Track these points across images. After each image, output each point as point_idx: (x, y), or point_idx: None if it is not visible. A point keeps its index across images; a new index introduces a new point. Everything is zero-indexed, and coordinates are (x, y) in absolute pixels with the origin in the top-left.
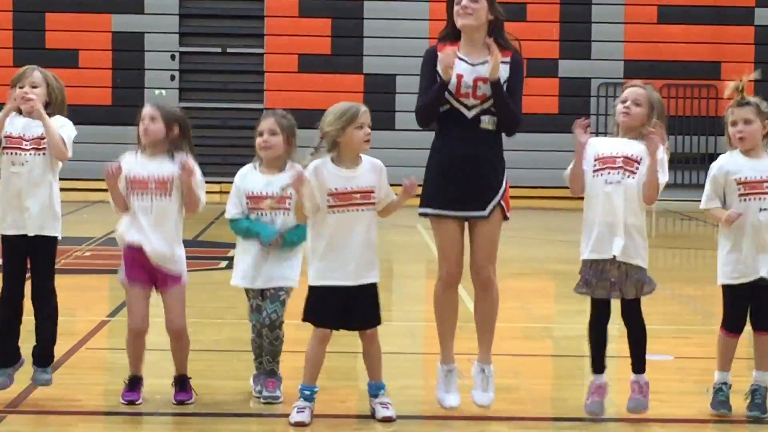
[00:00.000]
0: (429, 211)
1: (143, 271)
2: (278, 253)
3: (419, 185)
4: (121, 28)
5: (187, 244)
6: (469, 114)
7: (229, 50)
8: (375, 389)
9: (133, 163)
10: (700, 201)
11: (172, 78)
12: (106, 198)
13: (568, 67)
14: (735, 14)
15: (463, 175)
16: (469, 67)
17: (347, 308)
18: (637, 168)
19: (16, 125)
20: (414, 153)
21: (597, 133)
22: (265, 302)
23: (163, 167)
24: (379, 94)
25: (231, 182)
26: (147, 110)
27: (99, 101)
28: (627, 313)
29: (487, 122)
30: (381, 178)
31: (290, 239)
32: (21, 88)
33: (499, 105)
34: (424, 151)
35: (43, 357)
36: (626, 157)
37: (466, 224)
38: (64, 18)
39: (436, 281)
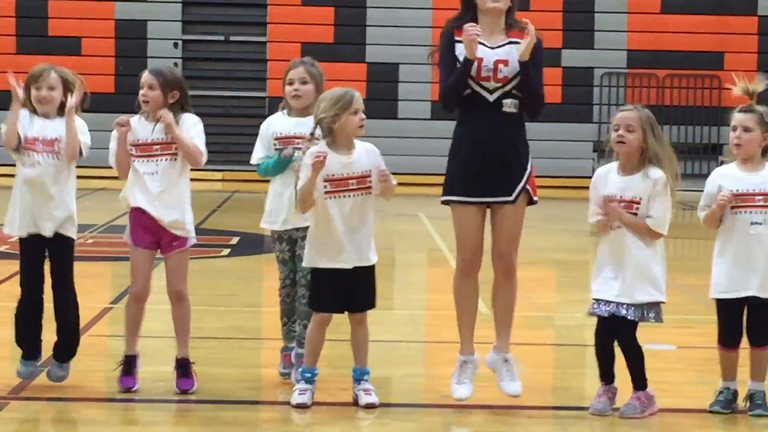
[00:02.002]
0: (453, 198)
1: (148, 235)
2: None
3: (442, 174)
4: (124, 16)
5: None
6: (491, 97)
7: (231, 38)
8: (359, 374)
9: (137, 128)
10: (702, 191)
11: (175, 66)
12: (108, 186)
13: (571, 57)
14: (738, 4)
15: (487, 162)
16: (489, 50)
17: (347, 291)
18: (637, 209)
19: (33, 126)
20: (417, 142)
21: (599, 124)
22: (300, 263)
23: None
24: (382, 83)
25: (233, 170)
26: (145, 77)
27: (101, 89)
28: (621, 335)
29: (509, 105)
30: (376, 161)
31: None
32: (38, 90)
33: (527, 86)
34: (426, 140)
35: (64, 352)
36: (627, 201)
37: (488, 211)
38: (66, 5)
39: (455, 271)
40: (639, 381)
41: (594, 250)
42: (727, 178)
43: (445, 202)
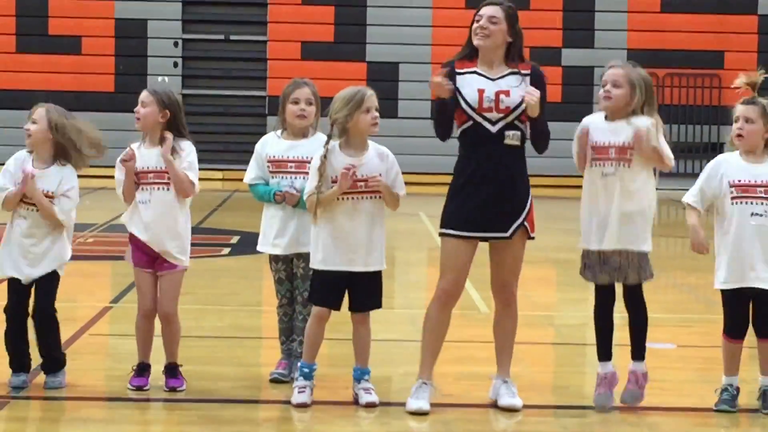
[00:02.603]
0: (450, 231)
1: (145, 257)
2: (302, 219)
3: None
4: (124, 15)
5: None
6: (494, 128)
7: (232, 37)
8: (360, 373)
9: (137, 156)
10: None
11: (175, 65)
12: (108, 185)
13: (571, 56)
14: (738, 3)
15: (486, 199)
16: (490, 82)
17: (351, 292)
18: (631, 155)
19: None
20: (417, 141)
21: None
22: (296, 281)
23: (159, 158)
24: (383, 82)
25: (233, 169)
26: (141, 95)
27: (101, 88)
28: (630, 298)
29: (511, 137)
30: (388, 165)
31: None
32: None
33: (536, 129)
34: (426, 139)
35: (50, 364)
36: (619, 147)
37: (487, 245)
38: (67, 4)
39: (432, 299)
40: (641, 351)
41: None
42: (730, 165)
43: (443, 234)
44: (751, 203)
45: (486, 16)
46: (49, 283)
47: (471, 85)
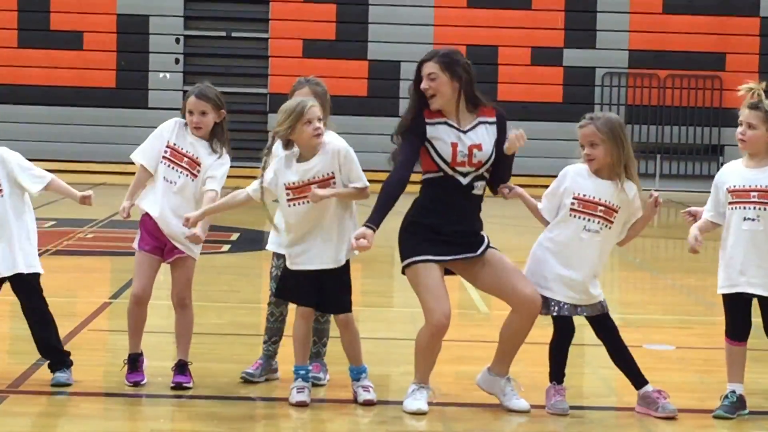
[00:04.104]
0: (418, 258)
1: (155, 242)
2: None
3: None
4: (126, 11)
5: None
6: (465, 180)
7: (233, 34)
8: (356, 373)
9: (178, 133)
10: (702, 192)
11: (177, 61)
12: (108, 180)
13: (573, 57)
14: (740, 5)
15: (451, 237)
16: (462, 134)
17: (319, 290)
18: (615, 218)
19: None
20: None
21: None
22: None
23: (202, 150)
24: (384, 80)
25: (234, 166)
26: (195, 103)
27: (103, 84)
28: (602, 328)
29: (479, 188)
30: (340, 162)
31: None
32: None
33: (508, 171)
34: None
35: (54, 361)
36: (607, 207)
37: (461, 278)
38: (68, 0)
39: (422, 328)
40: (641, 377)
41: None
42: (730, 173)
43: (408, 264)
44: (745, 208)
45: (425, 75)
46: None
47: (443, 139)
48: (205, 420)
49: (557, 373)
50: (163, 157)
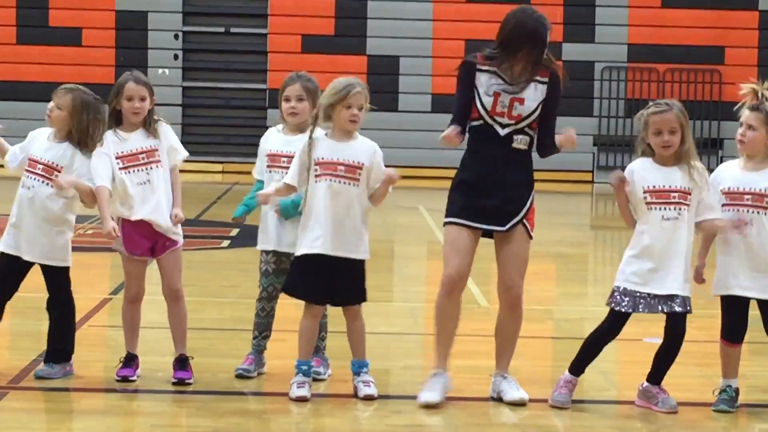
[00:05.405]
0: (452, 220)
1: (142, 241)
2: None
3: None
4: (125, 7)
5: (189, 223)
6: (502, 132)
7: (232, 30)
8: (358, 367)
9: (115, 142)
10: None
11: (176, 57)
12: None
13: (572, 51)
14: None
15: (487, 193)
16: (507, 86)
17: (331, 283)
18: (690, 200)
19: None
20: (417, 134)
21: (600, 117)
22: (282, 277)
23: (143, 139)
24: (383, 75)
25: (233, 162)
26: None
27: (102, 80)
28: (675, 326)
29: (519, 141)
30: (373, 159)
31: (283, 206)
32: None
33: (549, 148)
34: (426, 133)
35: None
36: (682, 191)
37: (492, 242)
38: None
39: (439, 288)
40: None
41: (594, 245)
42: (725, 174)
43: (446, 223)
44: (736, 210)
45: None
46: None
47: (488, 86)
48: (206, 415)
49: (577, 367)
50: (120, 168)
